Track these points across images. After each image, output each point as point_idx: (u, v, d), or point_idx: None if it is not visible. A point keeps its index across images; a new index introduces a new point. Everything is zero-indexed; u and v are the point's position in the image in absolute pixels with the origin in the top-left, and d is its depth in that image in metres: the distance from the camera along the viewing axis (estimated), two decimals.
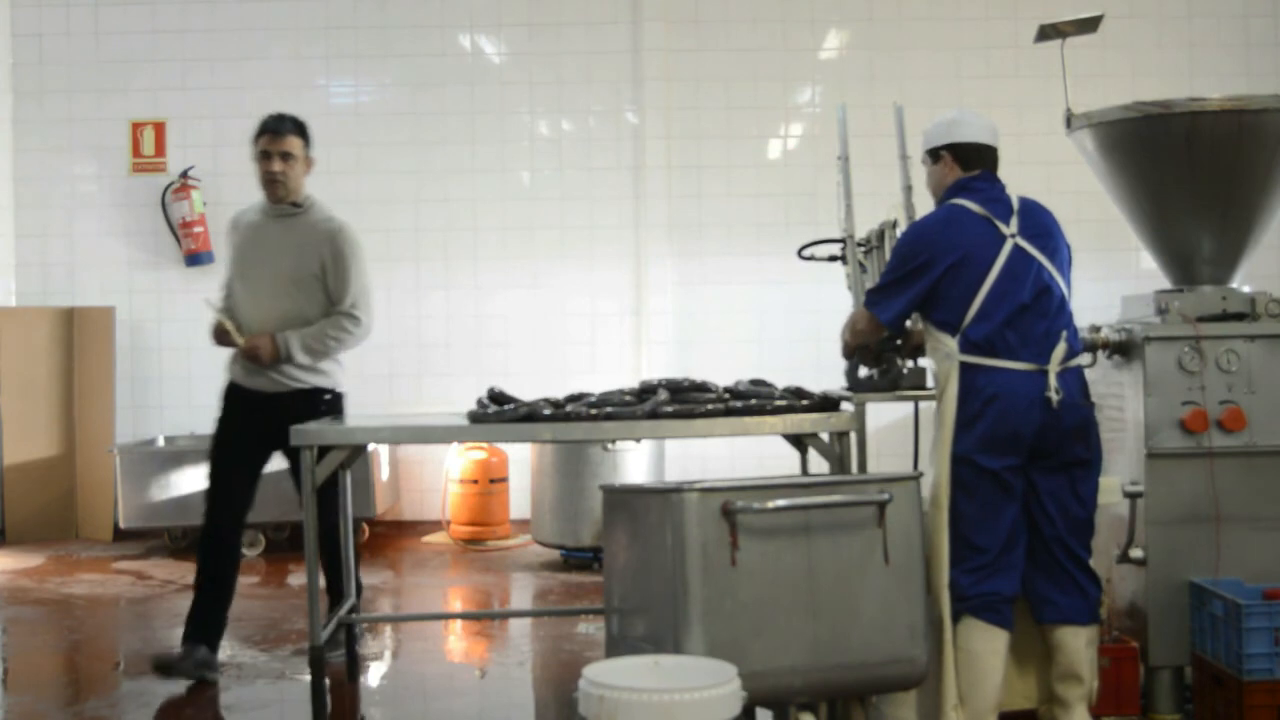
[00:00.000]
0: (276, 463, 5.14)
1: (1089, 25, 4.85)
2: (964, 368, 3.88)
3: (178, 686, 5.01)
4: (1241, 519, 4.28)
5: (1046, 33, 4.89)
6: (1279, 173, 4.49)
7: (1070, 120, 4.79)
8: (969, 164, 4.10)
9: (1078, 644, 3.93)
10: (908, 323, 4.19)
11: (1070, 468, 3.91)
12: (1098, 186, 4.87)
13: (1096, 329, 4.46)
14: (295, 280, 5.14)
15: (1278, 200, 4.57)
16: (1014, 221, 3.97)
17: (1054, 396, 3.82)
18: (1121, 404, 4.46)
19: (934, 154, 4.17)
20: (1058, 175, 7.58)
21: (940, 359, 3.96)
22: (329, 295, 5.15)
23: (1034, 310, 3.89)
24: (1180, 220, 4.62)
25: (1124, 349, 4.43)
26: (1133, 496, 4.27)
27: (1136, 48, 8.94)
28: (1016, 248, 3.92)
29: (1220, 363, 4.31)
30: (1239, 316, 4.42)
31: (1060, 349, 3.87)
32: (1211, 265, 4.64)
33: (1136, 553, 4.32)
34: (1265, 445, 4.30)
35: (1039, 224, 4.01)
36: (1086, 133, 4.72)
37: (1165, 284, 4.79)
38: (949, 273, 3.91)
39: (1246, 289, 4.56)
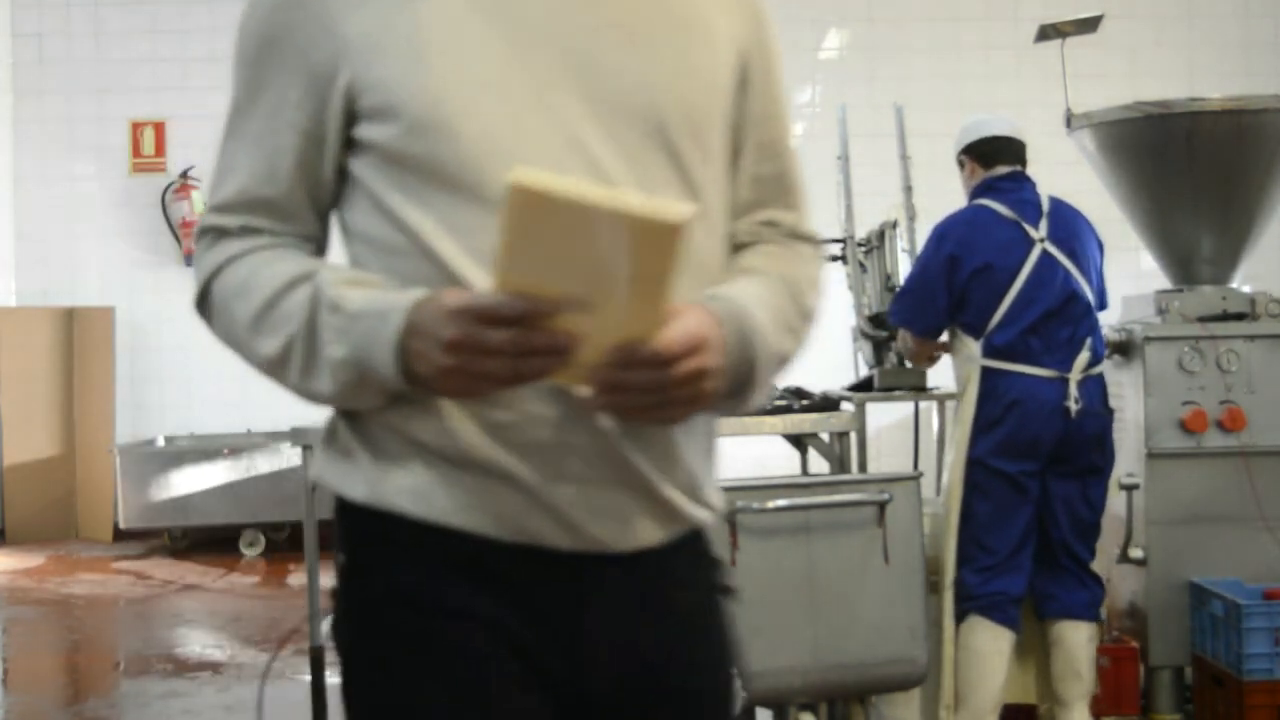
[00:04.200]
0: (274, 461, 4.99)
1: (1089, 25, 4.85)
2: (985, 372, 3.86)
3: (177, 686, 5.01)
4: (1241, 519, 4.27)
5: (1046, 33, 4.89)
6: (1279, 173, 4.49)
7: (1070, 120, 4.78)
8: (990, 161, 4.06)
9: (1078, 638, 3.92)
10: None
11: (1084, 474, 3.90)
12: (1098, 186, 4.86)
13: None
14: (692, 133, 1.45)
15: (1278, 200, 4.57)
16: (1043, 225, 3.92)
17: (1073, 406, 3.81)
18: (1121, 404, 4.45)
19: (960, 163, 4.16)
20: (1058, 175, 7.56)
21: (962, 361, 3.94)
22: (741, 178, 1.59)
23: (1060, 316, 3.86)
24: (1180, 220, 4.62)
25: (1124, 349, 4.43)
26: (1128, 488, 4.24)
27: (1136, 48, 8.93)
28: (1045, 253, 3.88)
29: (1220, 363, 4.31)
30: (1239, 316, 4.41)
31: (1083, 356, 3.86)
32: (1211, 265, 4.64)
33: (1136, 553, 4.31)
34: (1265, 445, 4.29)
35: (1068, 227, 3.96)
36: (1086, 133, 4.72)
37: (1165, 284, 4.78)
38: (975, 276, 3.87)
39: (1246, 289, 4.55)
